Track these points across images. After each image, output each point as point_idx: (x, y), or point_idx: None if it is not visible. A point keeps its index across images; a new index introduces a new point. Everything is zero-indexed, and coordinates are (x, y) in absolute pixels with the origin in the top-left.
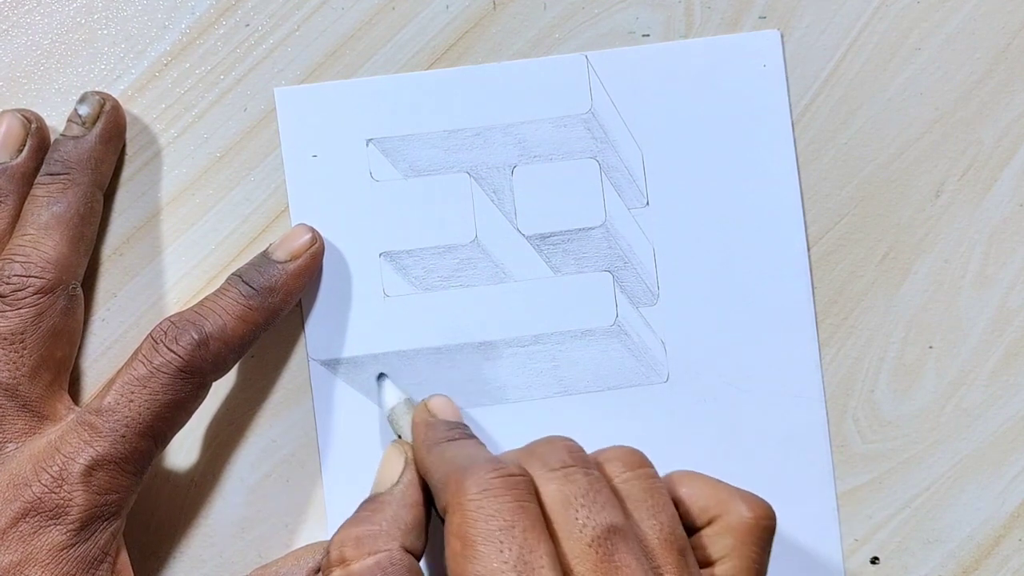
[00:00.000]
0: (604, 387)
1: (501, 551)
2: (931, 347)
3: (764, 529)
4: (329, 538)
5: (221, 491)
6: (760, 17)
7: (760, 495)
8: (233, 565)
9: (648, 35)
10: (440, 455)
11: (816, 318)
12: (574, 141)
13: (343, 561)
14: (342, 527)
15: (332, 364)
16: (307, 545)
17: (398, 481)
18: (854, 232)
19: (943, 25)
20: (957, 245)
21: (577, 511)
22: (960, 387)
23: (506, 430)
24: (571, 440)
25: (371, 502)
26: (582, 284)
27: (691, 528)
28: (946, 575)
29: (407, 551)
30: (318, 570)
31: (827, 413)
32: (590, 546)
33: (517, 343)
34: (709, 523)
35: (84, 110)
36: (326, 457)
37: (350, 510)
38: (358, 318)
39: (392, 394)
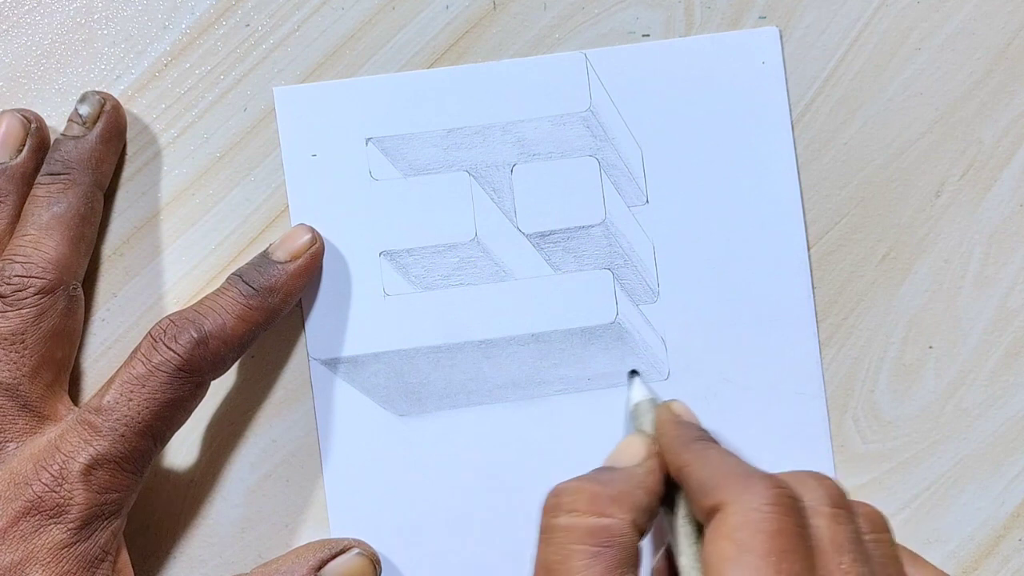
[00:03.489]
0: (605, 385)
1: (779, 572)
2: (931, 347)
3: None
4: (332, 534)
5: (221, 491)
6: (760, 17)
7: None
8: (233, 565)
9: (648, 35)
10: (702, 454)
11: (816, 317)
12: (573, 139)
13: (574, 510)
14: (577, 479)
15: (332, 363)
16: (308, 543)
17: (640, 464)
18: (854, 232)
19: (943, 25)
20: (957, 245)
21: (843, 556)
22: (960, 387)
23: (507, 429)
24: (838, 482)
25: (610, 471)
26: (582, 282)
27: None
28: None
29: (635, 528)
30: (319, 568)
31: (827, 411)
32: None
33: (517, 341)
34: None
35: (85, 110)
36: (327, 457)
37: (351, 510)
38: (358, 317)
39: (639, 390)
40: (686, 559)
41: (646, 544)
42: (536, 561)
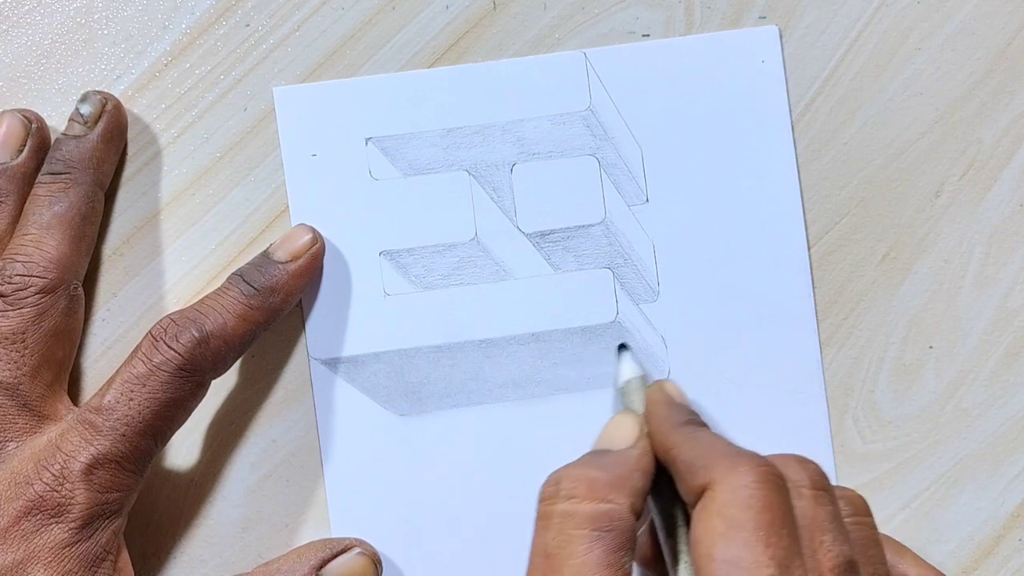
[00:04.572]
0: (605, 384)
1: (768, 546)
2: (931, 347)
3: None
4: (332, 534)
5: (221, 491)
6: (760, 17)
7: None
8: (233, 565)
9: (648, 35)
10: (691, 435)
11: (816, 317)
12: (573, 138)
13: (573, 497)
14: (574, 464)
15: (333, 363)
16: (309, 543)
17: (634, 445)
18: (854, 232)
19: (943, 25)
20: (957, 245)
21: (825, 535)
22: (960, 387)
23: (507, 429)
24: (819, 464)
25: (603, 455)
26: (582, 281)
27: None
28: (946, 575)
29: (633, 512)
30: (320, 567)
31: (828, 411)
32: (831, 572)
33: (517, 341)
34: None
35: (86, 109)
36: (327, 456)
37: (352, 509)
38: (358, 317)
39: (629, 367)
40: (673, 540)
41: None
42: (533, 547)
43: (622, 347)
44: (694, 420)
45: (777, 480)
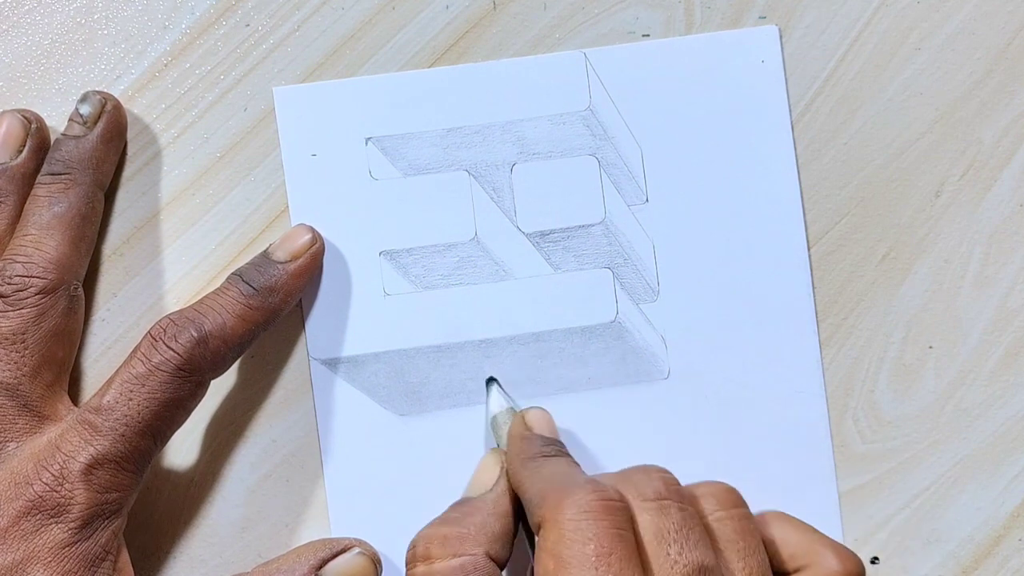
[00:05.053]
0: (605, 384)
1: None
2: (931, 347)
3: None
4: (332, 534)
5: (221, 491)
6: (760, 17)
7: (760, 492)
8: (233, 565)
9: (648, 35)
10: (535, 470)
11: (816, 317)
12: (573, 138)
13: (428, 558)
14: (430, 524)
15: (333, 363)
16: (309, 543)
17: (491, 489)
18: (854, 232)
19: (943, 25)
20: (957, 245)
21: (670, 546)
22: (960, 387)
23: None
24: (667, 472)
25: (462, 505)
26: (582, 281)
27: (777, 572)
28: (946, 575)
29: (491, 559)
30: (319, 567)
31: (827, 411)
32: None
33: (517, 341)
34: (797, 570)
35: (85, 109)
36: (327, 456)
37: (352, 509)
38: (358, 317)
39: (497, 402)
40: None
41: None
42: None
43: (490, 380)
44: (545, 452)
45: (607, 505)
